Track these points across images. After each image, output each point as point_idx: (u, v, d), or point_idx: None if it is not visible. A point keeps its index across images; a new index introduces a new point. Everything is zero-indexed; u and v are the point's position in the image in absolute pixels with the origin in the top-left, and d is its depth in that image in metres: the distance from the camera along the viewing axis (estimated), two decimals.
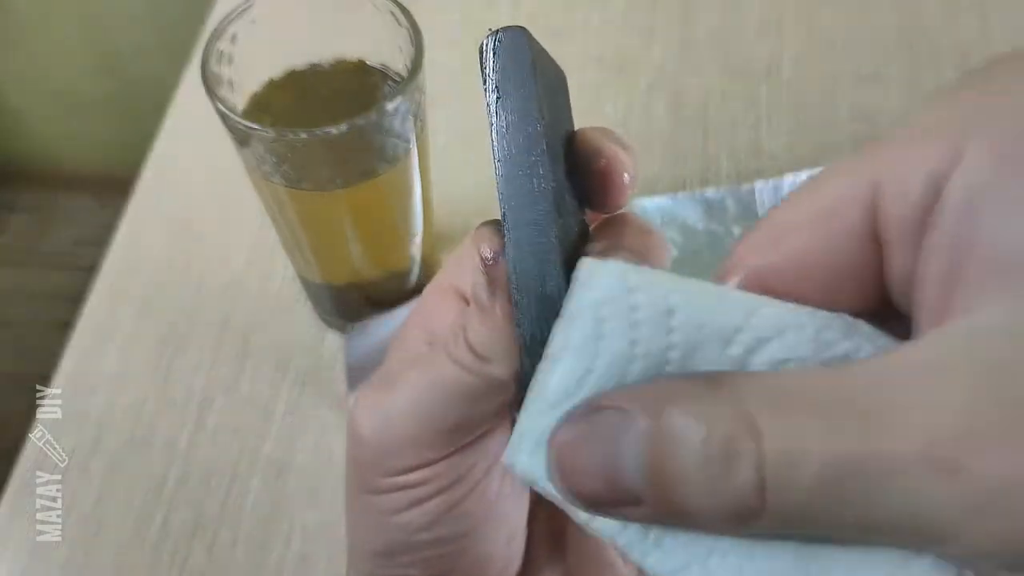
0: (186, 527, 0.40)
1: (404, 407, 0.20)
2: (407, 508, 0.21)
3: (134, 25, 1.11)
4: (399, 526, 0.21)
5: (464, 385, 0.20)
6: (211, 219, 0.49)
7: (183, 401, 0.43)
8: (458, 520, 0.21)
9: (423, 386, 0.20)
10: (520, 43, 0.18)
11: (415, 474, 0.20)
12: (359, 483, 0.22)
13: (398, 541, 0.21)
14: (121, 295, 0.47)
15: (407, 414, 0.20)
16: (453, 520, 0.21)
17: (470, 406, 0.20)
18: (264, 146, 0.32)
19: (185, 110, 0.54)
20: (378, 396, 0.21)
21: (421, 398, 0.20)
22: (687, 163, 0.50)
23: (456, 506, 0.21)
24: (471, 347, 0.20)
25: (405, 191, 0.37)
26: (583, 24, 0.57)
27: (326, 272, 0.41)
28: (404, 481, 0.21)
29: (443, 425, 0.20)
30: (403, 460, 0.20)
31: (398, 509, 0.21)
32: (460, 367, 0.20)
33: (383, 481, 0.21)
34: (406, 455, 0.20)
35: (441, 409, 0.20)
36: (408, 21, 0.33)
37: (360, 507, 0.22)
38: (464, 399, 0.20)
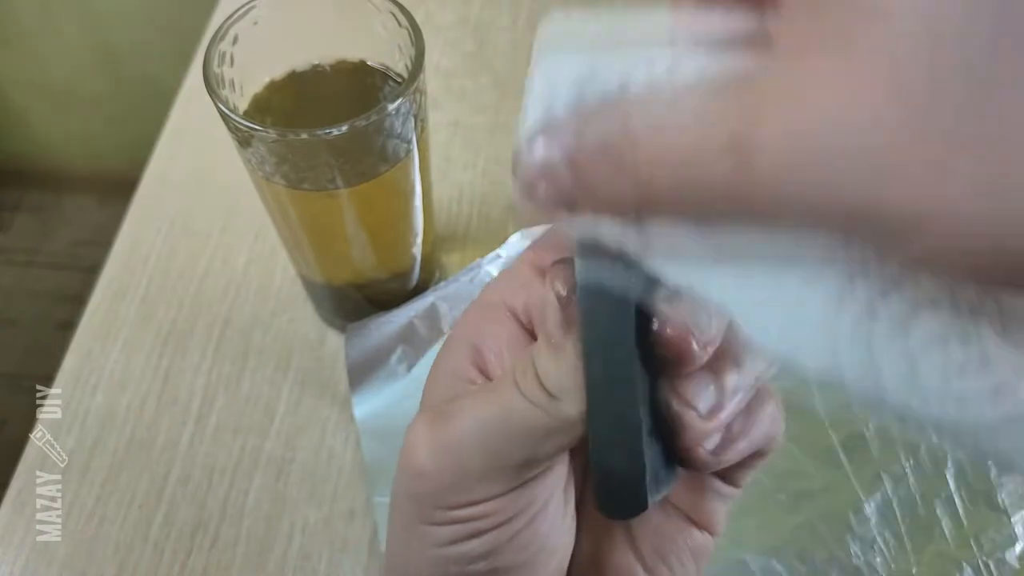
0: (187, 526, 0.40)
1: (470, 440, 0.20)
2: (466, 539, 0.20)
3: (136, 26, 1.12)
4: (455, 557, 0.21)
5: (533, 422, 0.19)
6: (212, 219, 0.49)
7: (184, 400, 0.43)
8: (515, 552, 0.21)
9: (490, 420, 0.20)
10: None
11: (477, 508, 0.20)
12: (416, 515, 0.21)
13: (452, 572, 0.21)
14: (123, 295, 0.47)
15: (473, 449, 0.20)
16: (510, 552, 0.21)
17: (538, 443, 0.20)
18: (265, 146, 0.32)
19: (187, 111, 0.54)
20: (438, 428, 0.20)
21: (488, 432, 0.20)
22: None
23: (513, 539, 0.21)
24: (542, 384, 0.19)
25: (406, 191, 0.38)
26: None
27: (327, 272, 0.41)
28: (465, 515, 0.20)
29: (510, 461, 0.20)
30: (467, 495, 0.20)
31: (456, 540, 0.21)
32: (529, 403, 0.19)
33: (444, 514, 0.20)
34: (470, 490, 0.20)
35: (508, 445, 0.20)
36: (409, 22, 0.33)
37: (415, 537, 0.21)
38: (532, 436, 0.19)
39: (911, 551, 0.37)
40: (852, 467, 0.39)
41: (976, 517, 0.38)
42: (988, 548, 0.37)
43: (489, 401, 0.20)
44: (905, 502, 0.38)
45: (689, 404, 0.19)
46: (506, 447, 0.20)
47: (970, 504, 0.38)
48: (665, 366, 0.19)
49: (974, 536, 0.37)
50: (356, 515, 0.40)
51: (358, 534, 0.39)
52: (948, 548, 0.37)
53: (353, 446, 0.42)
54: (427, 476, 0.20)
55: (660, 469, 0.19)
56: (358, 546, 0.39)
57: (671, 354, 0.18)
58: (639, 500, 0.18)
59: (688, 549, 0.23)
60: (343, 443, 0.42)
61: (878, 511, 0.38)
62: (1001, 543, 0.37)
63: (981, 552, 0.37)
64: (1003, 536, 0.37)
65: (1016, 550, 0.37)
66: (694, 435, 0.19)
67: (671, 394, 0.19)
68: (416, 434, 0.21)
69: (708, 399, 0.19)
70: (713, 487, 0.23)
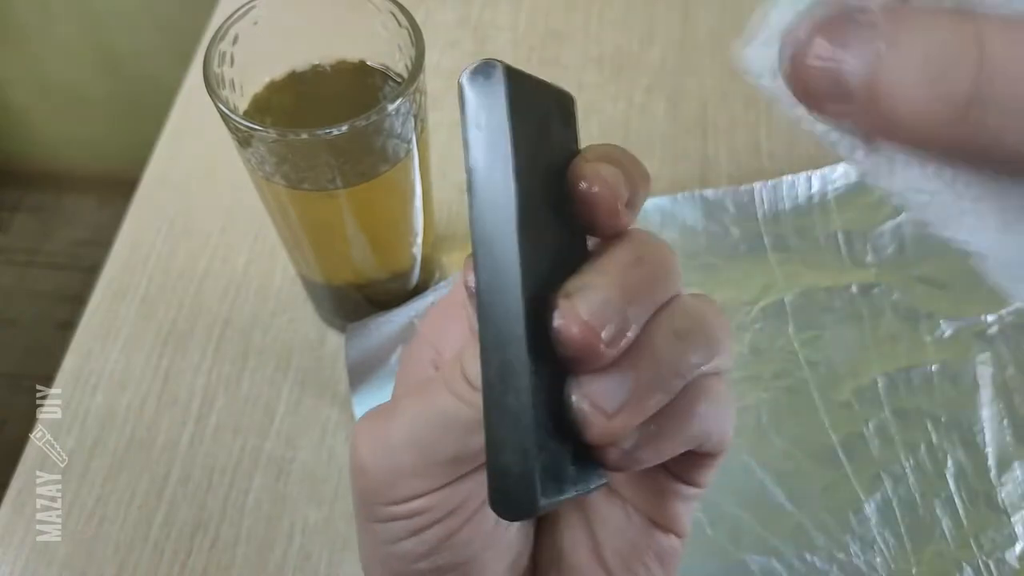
0: (187, 526, 0.40)
1: (403, 437, 0.20)
2: (406, 537, 0.21)
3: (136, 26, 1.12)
4: (399, 555, 0.21)
5: (460, 416, 0.19)
6: (212, 219, 0.49)
7: (184, 400, 0.43)
8: (456, 550, 0.21)
9: (422, 416, 0.20)
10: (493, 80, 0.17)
11: (413, 503, 0.20)
12: (363, 512, 0.21)
13: (398, 569, 0.21)
14: (123, 295, 0.47)
15: (406, 444, 0.20)
16: (451, 549, 0.21)
17: (467, 437, 0.19)
18: (265, 146, 0.32)
19: (187, 111, 0.54)
20: (379, 425, 0.21)
21: (420, 429, 0.20)
22: (686, 163, 0.50)
23: (453, 535, 0.21)
24: (467, 378, 0.19)
25: (406, 191, 0.38)
26: (583, 24, 0.57)
27: (327, 272, 0.41)
28: (401, 511, 0.20)
29: (441, 456, 0.20)
30: (401, 491, 0.20)
31: (398, 538, 0.21)
32: (456, 398, 0.19)
33: (383, 510, 0.21)
34: (405, 485, 0.20)
35: (436, 439, 0.20)
36: (409, 22, 0.34)
37: (366, 535, 0.22)
38: (461, 430, 0.19)
39: (911, 551, 0.37)
40: (852, 467, 0.39)
41: (976, 517, 0.38)
42: (988, 548, 0.37)
43: (421, 398, 0.20)
44: (905, 502, 0.38)
45: (592, 403, 0.17)
46: (435, 442, 0.20)
47: (970, 504, 0.38)
48: (572, 362, 0.18)
49: (974, 536, 0.37)
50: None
51: None
52: (948, 548, 0.37)
53: None
54: (366, 472, 0.21)
55: (569, 468, 0.18)
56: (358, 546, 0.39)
57: (571, 352, 0.17)
58: (529, 501, 0.17)
59: (653, 553, 0.22)
60: (343, 443, 0.42)
61: (878, 511, 0.38)
62: (1001, 543, 0.37)
63: (981, 552, 0.37)
64: (1003, 536, 0.37)
65: (1016, 550, 0.37)
66: (599, 434, 0.17)
67: (575, 390, 0.18)
68: (358, 432, 0.21)
69: (615, 397, 0.17)
70: (673, 489, 0.22)
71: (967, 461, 0.39)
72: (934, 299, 0.43)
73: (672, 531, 0.23)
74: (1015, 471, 0.39)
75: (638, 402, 0.18)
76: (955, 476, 0.39)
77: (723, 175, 0.49)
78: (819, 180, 0.47)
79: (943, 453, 0.39)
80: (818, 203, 0.47)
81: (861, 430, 0.40)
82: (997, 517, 0.38)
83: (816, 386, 0.41)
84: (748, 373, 0.41)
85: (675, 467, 0.22)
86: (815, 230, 0.46)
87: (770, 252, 0.45)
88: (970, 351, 0.42)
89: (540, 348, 0.17)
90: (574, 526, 0.23)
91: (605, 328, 0.17)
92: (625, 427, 0.18)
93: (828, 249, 0.45)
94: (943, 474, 0.39)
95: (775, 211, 0.47)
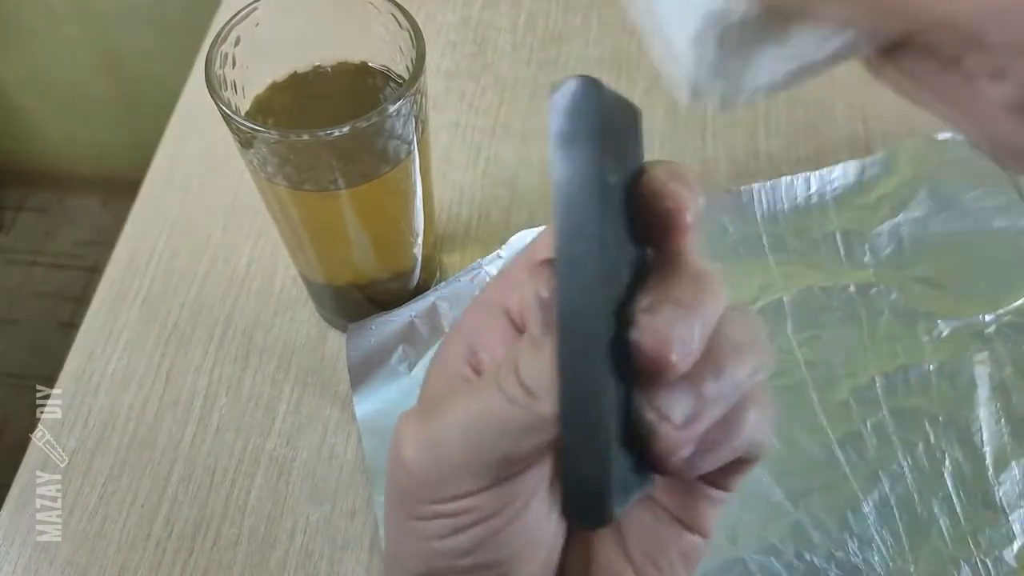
0: (189, 525, 0.40)
1: (452, 437, 0.20)
2: (450, 535, 0.21)
3: (139, 27, 1.12)
4: (440, 552, 0.21)
5: (513, 419, 0.20)
6: (214, 220, 0.50)
7: (186, 400, 0.43)
8: (499, 548, 0.21)
9: (472, 416, 0.20)
10: (588, 94, 0.18)
11: (459, 503, 0.20)
12: (404, 509, 0.22)
13: (439, 566, 0.21)
14: (125, 295, 0.47)
15: (455, 444, 0.20)
16: (493, 548, 0.21)
17: (518, 440, 0.20)
18: (267, 147, 0.32)
19: (189, 112, 0.54)
20: (424, 423, 0.21)
21: (470, 428, 0.20)
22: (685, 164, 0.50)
23: (497, 534, 0.21)
24: (521, 381, 0.19)
25: (407, 192, 0.38)
26: (583, 25, 0.57)
27: (328, 273, 0.42)
28: (448, 509, 0.21)
29: (490, 457, 0.20)
30: (448, 489, 0.20)
31: (441, 536, 0.21)
32: (509, 401, 0.20)
33: (427, 508, 0.21)
34: (452, 484, 0.20)
35: (487, 441, 0.20)
36: (409, 23, 0.34)
37: (404, 532, 0.22)
38: (512, 433, 0.20)
39: (909, 549, 0.37)
40: (850, 466, 0.39)
41: (973, 516, 0.38)
42: (985, 547, 0.37)
43: (472, 398, 0.20)
44: (903, 501, 0.38)
45: (663, 415, 0.18)
46: (486, 443, 0.20)
47: (967, 503, 0.38)
48: (641, 374, 0.18)
49: (971, 535, 0.38)
50: (357, 514, 0.40)
51: (359, 533, 0.40)
52: (946, 547, 0.37)
53: (354, 445, 0.42)
54: (411, 470, 0.21)
55: (630, 475, 0.19)
56: (360, 545, 0.39)
57: (646, 365, 0.18)
58: (604, 511, 0.18)
59: (678, 552, 0.23)
60: (344, 442, 0.42)
61: (876, 510, 0.38)
62: (998, 541, 0.37)
63: (979, 550, 0.37)
64: (1000, 535, 0.38)
65: (1013, 548, 0.37)
66: (667, 446, 0.18)
67: (645, 404, 0.18)
68: (404, 429, 0.21)
69: (684, 409, 0.18)
70: (703, 492, 0.22)
71: (965, 460, 0.39)
72: (932, 299, 0.43)
73: (698, 532, 0.23)
74: (1012, 470, 0.39)
75: (702, 414, 0.18)
76: (953, 475, 0.39)
77: (722, 176, 0.50)
78: (817, 181, 0.47)
79: (941, 452, 0.39)
80: (816, 204, 0.47)
81: (859, 429, 0.40)
82: (995, 516, 0.38)
83: (814, 386, 0.41)
84: None
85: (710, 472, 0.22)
86: (813, 230, 0.46)
87: (768, 252, 0.45)
88: (968, 351, 0.42)
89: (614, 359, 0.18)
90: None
91: (678, 343, 0.18)
92: (690, 437, 0.18)
93: (826, 249, 0.45)
94: (941, 473, 0.39)
95: (773, 211, 0.47)
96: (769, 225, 0.46)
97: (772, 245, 0.46)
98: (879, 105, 0.52)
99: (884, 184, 0.47)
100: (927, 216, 0.46)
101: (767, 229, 0.46)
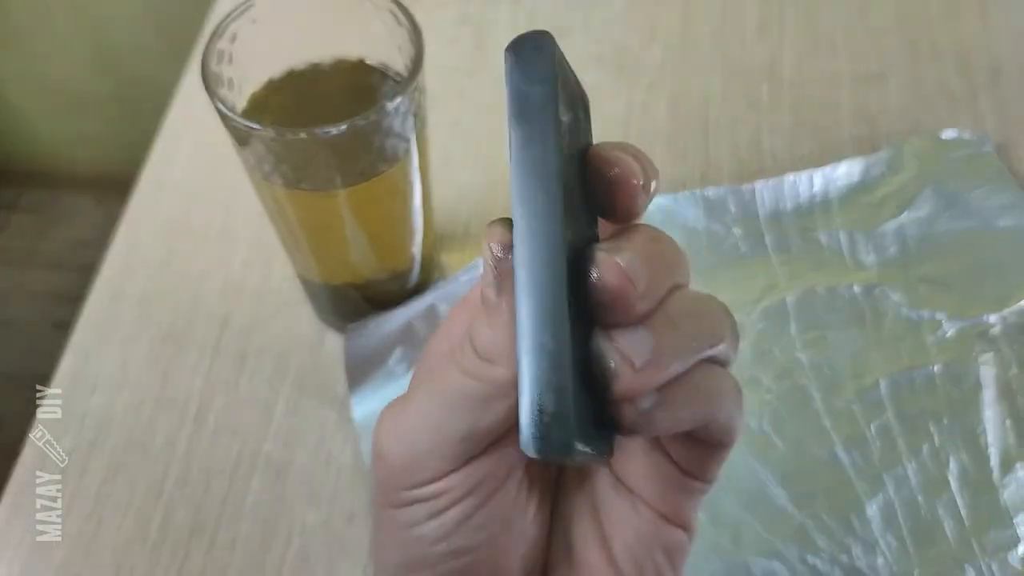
0: (185, 527, 0.40)
1: (416, 421, 0.21)
2: (425, 520, 0.21)
3: (134, 24, 1.11)
4: (417, 539, 0.21)
5: (469, 391, 0.20)
6: (210, 219, 0.49)
7: (182, 401, 0.43)
8: (474, 531, 0.21)
9: (433, 397, 0.21)
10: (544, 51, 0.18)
11: (431, 486, 0.21)
12: (382, 499, 0.22)
13: (416, 554, 0.22)
14: (120, 295, 0.47)
15: (419, 428, 0.21)
16: (469, 531, 0.21)
17: (478, 413, 0.20)
18: (264, 146, 0.32)
19: (185, 110, 0.54)
20: (396, 412, 0.22)
21: (431, 410, 0.21)
22: (687, 163, 0.50)
23: (471, 517, 0.21)
24: (476, 350, 0.20)
25: (405, 191, 0.37)
26: (583, 24, 0.56)
27: (325, 272, 0.41)
28: (421, 494, 0.21)
29: (454, 434, 0.20)
30: (419, 474, 0.21)
31: (416, 522, 0.21)
32: (465, 374, 0.20)
33: (402, 495, 0.21)
34: (422, 468, 0.21)
35: (449, 419, 0.20)
36: (408, 20, 0.33)
37: (384, 523, 0.22)
38: (471, 406, 0.20)
39: (913, 553, 0.37)
40: (854, 469, 0.39)
41: (978, 518, 0.38)
42: (991, 549, 0.37)
43: (433, 379, 0.21)
44: (907, 504, 0.38)
45: (622, 353, 0.18)
46: (448, 421, 0.20)
47: (973, 505, 0.38)
48: (602, 313, 0.18)
49: (977, 537, 0.37)
50: (355, 517, 0.40)
51: (357, 536, 0.39)
52: (950, 549, 0.37)
53: (352, 447, 0.41)
54: (385, 458, 0.21)
55: (590, 427, 0.18)
56: (357, 549, 0.39)
57: (607, 300, 0.18)
58: (566, 440, 0.17)
59: (661, 547, 0.23)
60: (342, 444, 0.42)
61: (880, 513, 0.38)
62: (1004, 544, 0.37)
63: (984, 553, 0.37)
64: (1006, 537, 0.37)
65: (1019, 551, 0.37)
66: (625, 387, 0.18)
67: (604, 342, 0.18)
68: (379, 421, 0.22)
69: (642, 351, 0.18)
70: (680, 482, 0.22)
71: (970, 462, 0.39)
72: (937, 299, 0.43)
73: (679, 525, 0.23)
74: (1018, 472, 0.38)
75: (660, 360, 0.18)
76: (958, 477, 0.38)
77: (724, 174, 0.49)
78: (821, 179, 0.47)
79: (946, 454, 0.39)
80: (820, 203, 0.47)
81: (863, 432, 0.40)
82: (1000, 518, 0.38)
83: (818, 387, 0.41)
84: (750, 374, 0.41)
85: (682, 459, 0.22)
86: (817, 230, 0.46)
87: (772, 252, 0.45)
88: (973, 352, 0.41)
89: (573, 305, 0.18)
90: (584, 519, 0.23)
91: (638, 281, 0.18)
92: (648, 382, 0.18)
93: (830, 249, 0.45)
94: (945, 476, 0.39)
95: (777, 210, 0.46)
96: (772, 224, 0.46)
97: (775, 244, 0.45)
98: (884, 103, 0.52)
99: (889, 183, 0.47)
100: (932, 215, 0.46)
101: (770, 228, 0.46)
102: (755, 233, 0.46)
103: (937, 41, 0.54)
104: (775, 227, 0.46)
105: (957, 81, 0.52)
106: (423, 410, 0.21)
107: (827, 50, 0.54)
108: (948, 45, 0.54)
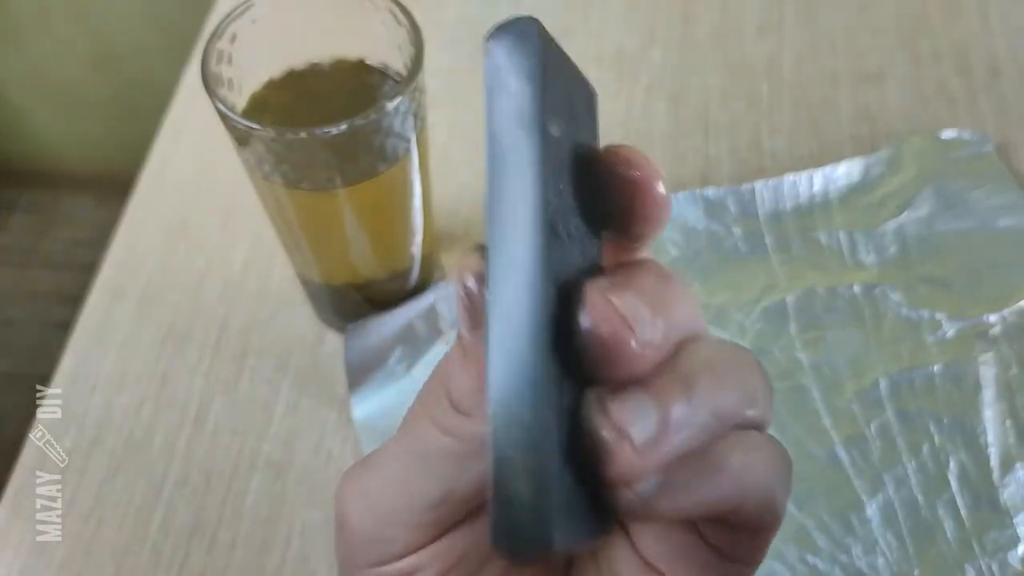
0: (185, 527, 0.40)
1: (384, 485, 0.18)
2: None
3: (134, 25, 1.11)
4: None
5: (444, 448, 0.17)
6: (210, 219, 0.49)
7: (182, 401, 0.43)
8: None
9: (402, 457, 0.17)
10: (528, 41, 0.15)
11: (402, 562, 0.18)
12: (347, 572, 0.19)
13: None
14: (120, 295, 0.47)
15: (387, 491, 0.18)
16: None
17: (454, 474, 0.17)
18: (264, 146, 0.32)
19: (185, 110, 0.54)
20: (361, 473, 0.18)
21: (401, 472, 0.17)
22: (687, 163, 0.50)
23: None
24: (451, 401, 0.17)
25: (405, 191, 0.37)
26: (583, 24, 0.56)
27: (326, 272, 0.41)
28: (394, 570, 0.18)
29: (427, 499, 0.17)
30: (388, 546, 0.18)
31: None
32: (439, 428, 0.17)
33: (370, 572, 0.18)
34: (390, 540, 0.18)
35: (422, 480, 0.17)
36: (408, 20, 0.33)
37: None
38: (446, 465, 0.17)
39: (913, 553, 0.37)
40: (854, 469, 0.39)
41: (978, 519, 0.38)
42: (991, 549, 0.37)
43: (402, 434, 0.18)
44: (907, 504, 0.38)
45: (618, 427, 0.14)
46: (418, 481, 0.17)
47: (972, 506, 0.38)
48: (594, 370, 0.14)
49: (976, 538, 0.37)
50: None
51: None
52: (950, 550, 0.37)
53: (352, 447, 0.41)
54: (348, 527, 0.18)
55: (577, 510, 0.15)
56: None
57: (598, 355, 0.14)
58: (543, 537, 0.14)
59: None
60: (342, 444, 0.41)
61: (880, 513, 0.38)
62: (1004, 544, 0.37)
63: (984, 554, 0.37)
64: (1006, 537, 0.37)
65: (1019, 551, 0.37)
66: (621, 470, 0.14)
67: (597, 411, 0.14)
68: (341, 483, 0.19)
69: (644, 426, 0.14)
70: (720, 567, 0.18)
71: (970, 462, 0.39)
72: (936, 299, 0.43)
73: None
74: (1018, 472, 0.38)
75: (667, 435, 0.14)
76: (958, 477, 0.38)
77: (724, 174, 0.49)
78: (821, 179, 0.47)
79: (945, 454, 0.39)
80: (820, 202, 0.47)
81: (863, 432, 0.40)
82: (1000, 519, 0.38)
83: (818, 388, 0.41)
84: None
85: (718, 541, 0.17)
86: (817, 230, 0.46)
87: (772, 252, 0.45)
88: (973, 351, 0.41)
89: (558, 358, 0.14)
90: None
91: (638, 326, 0.14)
92: (650, 464, 0.14)
93: (830, 249, 0.45)
94: (945, 476, 0.39)
95: (777, 210, 0.46)
96: (772, 224, 0.46)
97: (775, 244, 0.45)
98: (884, 103, 0.52)
99: (889, 183, 0.47)
100: (932, 215, 0.46)
101: (770, 228, 0.46)
102: (755, 233, 0.46)
103: (937, 41, 0.54)
104: (775, 227, 0.46)
105: (957, 81, 0.52)
106: (392, 470, 0.18)
107: (827, 50, 0.54)
108: (948, 45, 0.54)
